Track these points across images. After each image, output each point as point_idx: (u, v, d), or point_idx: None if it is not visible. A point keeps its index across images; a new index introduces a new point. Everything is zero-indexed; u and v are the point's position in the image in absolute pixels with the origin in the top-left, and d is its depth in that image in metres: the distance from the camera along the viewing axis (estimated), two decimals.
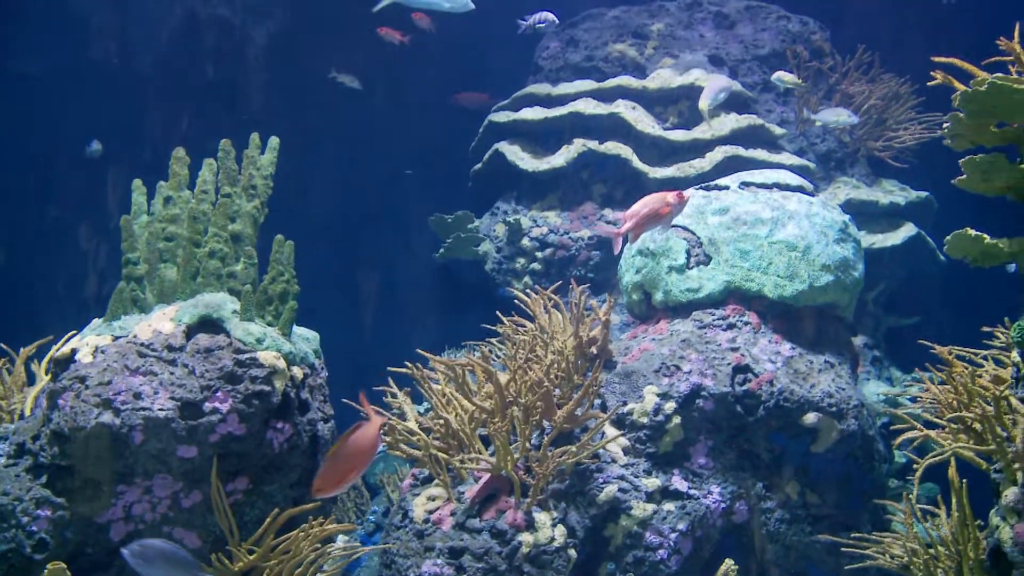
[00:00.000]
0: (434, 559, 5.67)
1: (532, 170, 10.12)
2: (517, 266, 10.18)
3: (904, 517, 5.26)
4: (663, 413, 6.48)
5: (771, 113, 10.98)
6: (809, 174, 9.84)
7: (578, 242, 10.00)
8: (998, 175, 4.58)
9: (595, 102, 10.14)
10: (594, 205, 10.18)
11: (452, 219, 10.76)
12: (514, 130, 10.65)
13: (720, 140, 9.87)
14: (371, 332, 13.14)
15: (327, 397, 6.45)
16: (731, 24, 11.44)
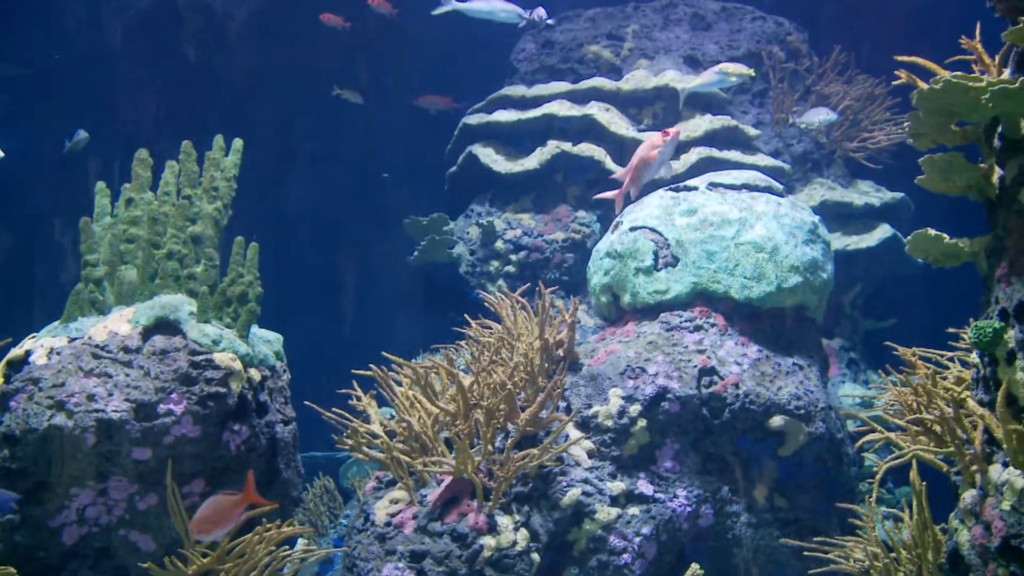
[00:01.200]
0: (395, 562, 5.60)
1: (505, 172, 10.08)
2: (491, 269, 10.12)
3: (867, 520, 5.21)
4: (628, 416, 6.41)
5: (746, 115, 10.94)
6: (783, 175, 9.82)
7: (552, 244, 9.95)
8: (958, 174, 4.52)
9: (569, 104, 10.10)
10: (568, 207, 10.14)
11: (427, 221, 10.71)
12: (488, 132, 10.61)
13: (694, 142, 9.84)
14: (348, 333, 13.10)
15: (288, 399, 6.40)
16: (707, 25, 11.39)
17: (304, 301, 12.99)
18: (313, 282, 13.01)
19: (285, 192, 13.19)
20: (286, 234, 13.10)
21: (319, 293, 13.35)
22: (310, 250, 13.14)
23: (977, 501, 4.28)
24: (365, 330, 12.85)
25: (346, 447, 5.98)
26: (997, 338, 4.22)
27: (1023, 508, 3.92)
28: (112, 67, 12.59)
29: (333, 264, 13.66)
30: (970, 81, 4.07)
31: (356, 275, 13.59)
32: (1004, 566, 4.03)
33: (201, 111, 12.87)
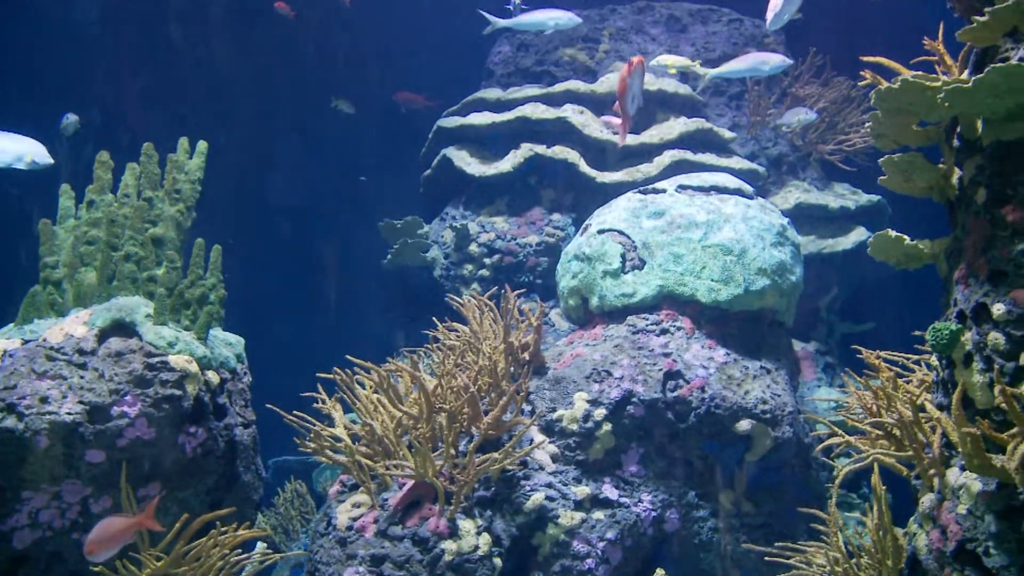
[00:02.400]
0: (356, 566, 5.54)
1: (479, 175, 10.03)
2: (465, 272, 10.07)
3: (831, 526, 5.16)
4: (593, 420, 6.37)
5: (722, 117, 10.91)
6: (758, 178, 9.78)
7: (526, 248, 9.89)
8: (918, 175, 4.48)
9: (543, 106, 10.05)
10: (542, 210, 10.09)
11: (401, 224, 10.66)
12: (462, 135, 10.56)
13: (668, 144, 9.79)
14: (323, 336, 13.04)
15: (249, 402, 6.36)
16: (682, 27, 11.36)
17: (282, 304, 12.96)
18: (291, 287, 12.96)
19: (268, 179, 13.17)
20: (267, 225, 13.10)
21: (297, 298, 13.31)
22: (290, 239, 13.11)
23: (935, 505, 4.24)
24: (341, 332, 12.80)
25: (309, 450, 5.92)
26: (954, 340, 4.17)
27: (978, 512, 3.87)
28: (92, 47, 12.52)
29: (313, 256, 13.61)
30: (927, 81, 4.03)
31: (335, 277, 13.54)
32: (959, 570, 3.98)
33: (184, 93, 12.82)
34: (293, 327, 13.33)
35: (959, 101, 3.85)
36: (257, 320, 13.10)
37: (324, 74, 13.22)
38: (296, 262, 13.54)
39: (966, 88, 3.76)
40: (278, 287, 13.47)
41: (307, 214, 13.16)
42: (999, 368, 3.89)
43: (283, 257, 13.56)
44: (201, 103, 13.13)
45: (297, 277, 13.51)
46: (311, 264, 13.87)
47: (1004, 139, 3.94)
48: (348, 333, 12.52)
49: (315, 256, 13.84)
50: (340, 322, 13.35)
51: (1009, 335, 3.85)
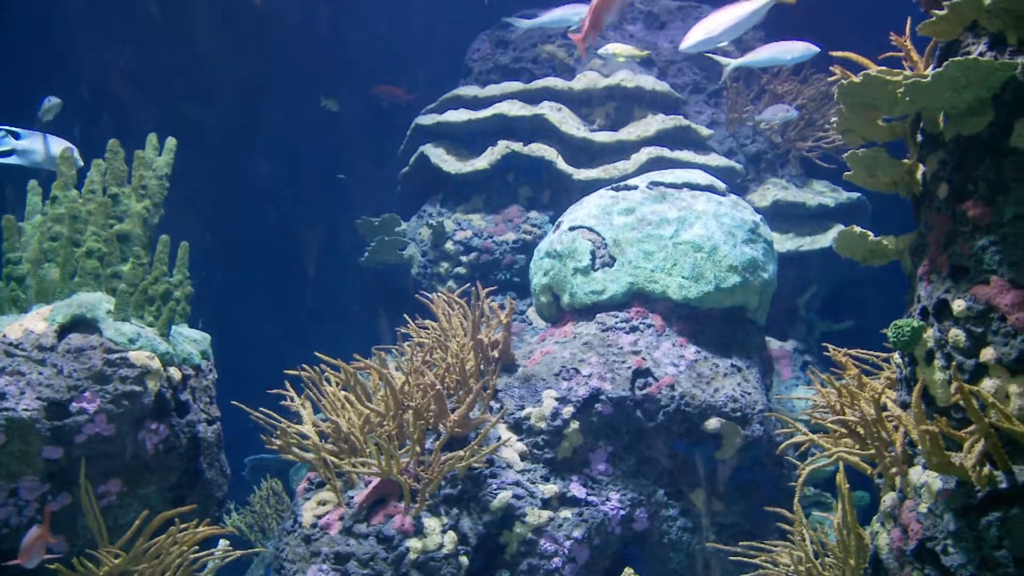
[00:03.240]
0: (320, 564, 5.50)
1: (455, 172, 9.98)
2: (441, 270, 10.02)
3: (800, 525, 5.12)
4: (561, 418, 6.32)
5: (701, 114, 10.86)
6: (735, 175, 9.74)
7: (503, 246, 9.84)
8: (882, 170, 4.44)
9: (520, 104, 10.00)
10: (520, 208, 10.03)
11: (378, 222, 10.62)
12: (439, 133, 10.51)
13: (646, 141, 9.74)
14: (304, 332, 12.99)
15: (213, 399, 6.32)
16: (661, 24, 11.30)
17: (259, 300, 12.92)
18: (268, 284, 12.93)
19: (252, 164, 13.14)
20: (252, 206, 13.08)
21: (275, 296, 13.28)
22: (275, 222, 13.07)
23: (896, 504, 4.21)
24: (318, 330, 12.75)
25: (275, 447, 5.88)
26: (916, 337, 4.14)
27: (938, 510, 3.84)
28: (75, 24, 12.44)
29: (290, 265, 13.57)
30: (889, 75, 3.99)
31: (314, 275, 13.51)
32: (919, 569, 3.94)
33: (166, 71, 12.78)
34: (273, 323, 13.28)
35: (919, 96, 3.82)
36: (236, 315, 13.07)
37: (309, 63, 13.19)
38: (277, 257, 13.49)
39: (925, 82, 3.73)
40: (258, 282, 13.42)
41: (290, 207, 13.10)
42: (959, 365, 3.86)
43: (264, 251, 13.50)
44: (184, 83, 13.08)
45: (278, 273, 13.45)
46: (292, 260, 13.81)
47: (965, 134, 3.91)
48: (329, 329, 12.47)
49: (297, 252, 13.79)
50: (321, 318, 13.30)
51: (969, 332, 3.81)
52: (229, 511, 9.64)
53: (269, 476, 9.83)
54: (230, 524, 9.45)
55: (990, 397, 3.50)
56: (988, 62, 3.60)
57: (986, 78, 3.66)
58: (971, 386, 3.66)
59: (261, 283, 13.48)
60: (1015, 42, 3.69)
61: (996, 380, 3.69)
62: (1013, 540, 3.47)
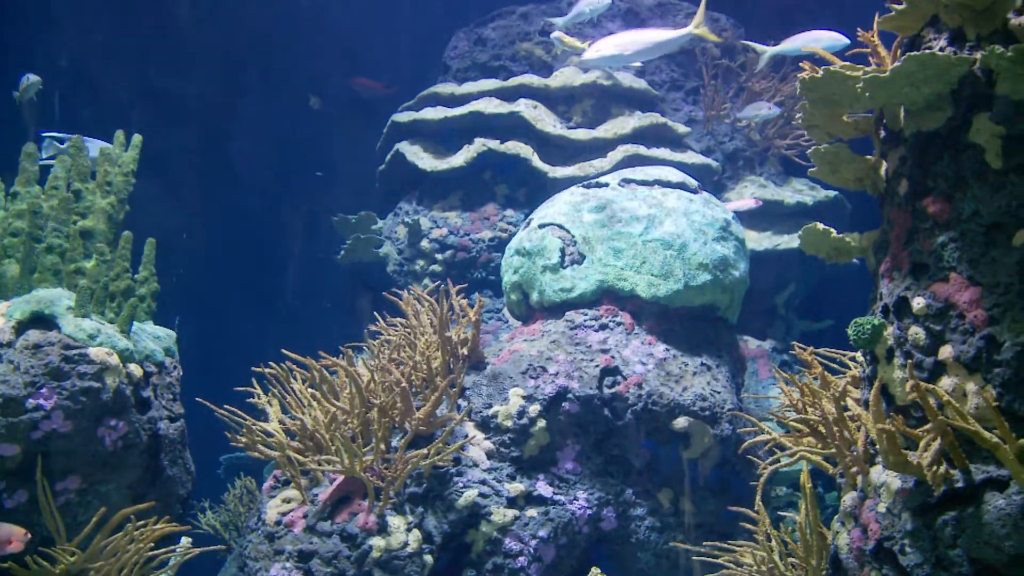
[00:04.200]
0: (283, 562, 5.47)
1: (431, 170, 9.94)
2: (417, 268, 9.98)
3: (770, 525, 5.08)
4: (528, 416, 6.29)
5: (678, 112, 10.82)
6: (711, 172, 9.71)
7: (479, 244, 9.80)
8: (844, 166, 4.41)
9: (497, 101, 9.96)
10: (496, 206, 9.99)
11: (355, 220, 10.58)
12: (415, 130, 10.46)
13: (622, 139, 9.70)
14: (279, 331, 12.95)
15: (177, 396, 6.28)
16: (640, 21, 11.25)
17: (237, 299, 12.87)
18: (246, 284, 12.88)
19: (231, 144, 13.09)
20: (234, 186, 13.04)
21: (249, 294, 13.24)
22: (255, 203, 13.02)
23: (857, 503, 4.17)
24: (293, 328, 12.71)
25: (240, 445, 5.84)
26: (876, 335, 4.11)
27: (896, 510, 3.81)
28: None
29: (265, 264, 13.53)
30: (849, 71, 3.96)
31: (291, 273, 13.47)
32: (878, 569, 3.91)
33: (145, 43, 12.72)
34: (251, 320, 13.24)
35: (878, 91, 3.79)
36: (215, 312, 13.03)
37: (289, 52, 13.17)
38: (256, 254, 13.44)
39: (883, 77, 3.70)
40: (237, 278, 13.39)
41: (269, 203, 13.07)
42: (918, 363, 3.82)
43: (243, 247, 13.46)
44: (165, 61, 13.04)
45: (256, 270, 13.41)
46: (271, 257, 13.77)
47: (924, 129, 3.88)
48: (308, 327, 12.43)
49: (275, 249, 13.75)
50: (299, 316, 13.26)
51: (929, 329, 3.78)
52: (204, 509, 9.59)
53: (243, 474, 9.77)
54: (204, 523, 9.40)
55: (945, 395, 3.46)
56: (945, 57, 3.56)
57: (943, 73, 3.63)
58: (928, 384, 3.62)
59: (240, 278, 13.43)
60: (974, 37, 3.66)
61: (954, 378, 3.66)
62: (967, 539, 3.43)
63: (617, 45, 7.09)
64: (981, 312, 3.57)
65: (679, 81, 10.87)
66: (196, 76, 13.51)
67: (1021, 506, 3.29)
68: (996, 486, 3.44)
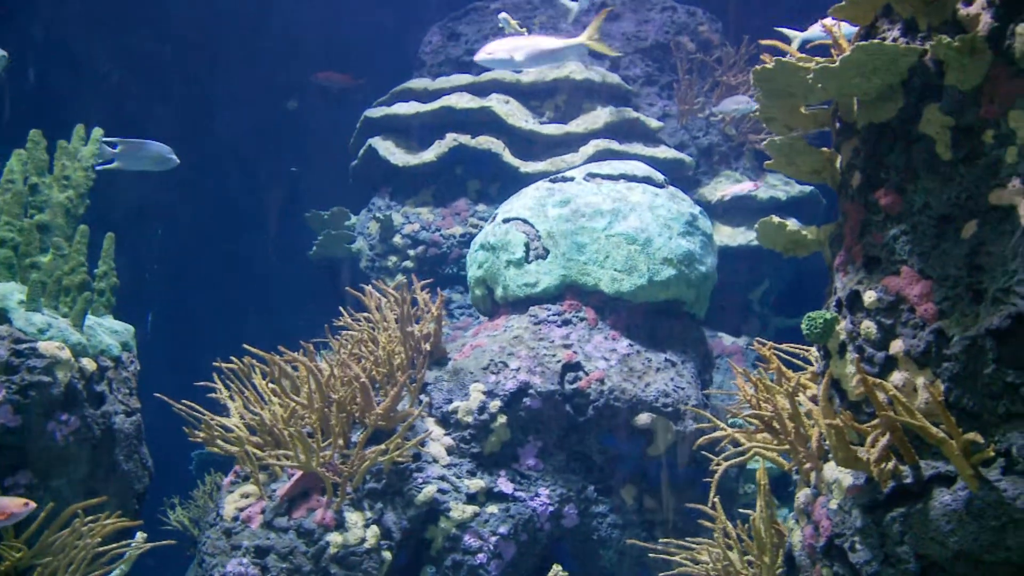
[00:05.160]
0: (239, 558, 5.42)
1: (402, 165, 9.90)
2: (389, 264, 9.93)
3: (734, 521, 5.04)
4: (488, 412, 6.24)
5: (653, 106, 10.77)
6: (684, 167, 9.67)
7: (450, 239, 9.76)
8: (800, 158, 4.36)
9: (469, 96, 9.92)
10: (468, 201, 9.95)
11: (328, 216, 10.55)
12: (387, 125, 10.41)
13: (594, 134, 9.66)
14: (249, 327, 12.89)
15: (134, 390, 6.24)
16: (615, 15, 11.21)
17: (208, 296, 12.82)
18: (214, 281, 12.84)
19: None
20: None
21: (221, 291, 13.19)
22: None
23: (810, 500, 4.14)
24: (267, 323, 12.66)
25: (199, 440, 5.78)
26: (828, 329, 4.07)
27: (847, 507, 3.76)
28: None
29: (236, 262, 13.48)
30: (800, 62, 3.91)
31: (263, 269, 13.42)
32: (828, 567, 3.88)
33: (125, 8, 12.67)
34: (225, 316, 13.18)
35: (828, 81, 3.74)
36: (189, 307, 12.96)
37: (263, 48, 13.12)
38: (230, 249, 13.38)
39: (833, 68, 3.65)
40: (211, 273, 13.33)
41: (244, 198, 13.02)
42: (869, 357, 3.78)
43: (217, 243, 13.40)
44: (145, 27, 12.98)
45: (230, 265, 13.36)
46: (244, 253, 13.71)
47: (876, 121, 3.84)
48: (274, 323, 12.38)
49: (248, 246, 13.69)
50: (274, 311, 13.21)
51: (880, 323, 3.74)
52: (174, 506, 9.54)
53: (213, 470, 9.73)
54: (173, 519, 9.35)
55: (893, 389, 3.41)
56: (893, 47, 3.52)
57: (892, 63, 3.58)
58: (877, 379, 3.57)
59: (220, 266, 13.38)
60: (925, 28, 3.61)
61: (905, 373, 3.62)
62: (914, 536, 3.39)
63: (509, 49, 7.04)
64: (931, 306, 3.52)
65: (654, 76, 10.83)
66: (177, 43, 13.43)
67: (966, 502, 3.24)
68: (944, 482, 3.40)
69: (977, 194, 3.38)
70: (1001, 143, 3.29)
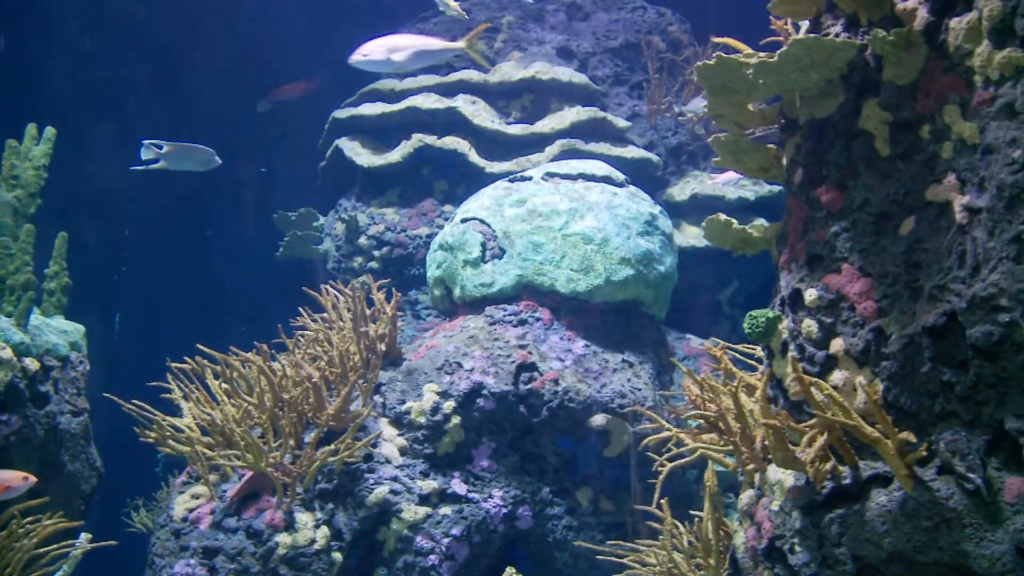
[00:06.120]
0: (187, 559, 5.38)
1: (368, 166, 9.83)
2: (355, 264, 9.86)
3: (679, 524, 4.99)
4: (442, 412, 6.19)
5: (622, 106, 10.71)
6: (651, 167, 9.62)
7: (416, 240, 9.70)
8: (747, 155, 4.31)
9: (436, 96, 9.87)
10: (434, 202, 9.89)
11: (295, 216, 10.50)
12: (355, 126, 10.36)
13: (561, 134, 9.61)
14: (219, 328, 12.82)
15: (82, 390, 6.19)
16: (584, 15, 11.18)
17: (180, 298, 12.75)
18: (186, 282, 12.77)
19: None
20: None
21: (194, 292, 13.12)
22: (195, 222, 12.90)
23: (753, 501, 4.10)
24: (232, 326, 12.59)
25: (150, 440, 5.73)
26: (771, 328, 4.03)
27: (788, 508, 3.72)
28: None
29: (206, 263, 13.41)
30: (742, 59, 3.86)
31: (233, 271, 13.35)
32: (770, 569, 3.84)
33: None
34: (195, 318, 13.11)
35: (768, 76, 3.70)
36: (156, 308, 12.88)
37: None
38: (199, 250, 13.32)
39: (771, 63, 3.61)
40: (181, 273, 13.27)
41: (214, 197, 12.94)
42: (810, 356, 3.75)
43: (188, 242, 13.34)
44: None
45: (201, 266, 13.30)
46: (214, 254, 13.65)
47: (818, 116, 3.81)
48: (251, 324, 12.32)
49: (217, 247, 13.62)
50: (244, 313, 13.15)
51: (821, 322, 3.71)
52: (138, 508, 9.49)
53: (178, 472, 9.67)
54: (137, 521, 9.30)
55: (828, 388, 3.36)
56: (830, 41, 3.48)
57: (829, 58, 3.55)
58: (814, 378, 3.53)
59: (186, 272, 13.32)
60: (866, 23, 3.58)
61: (845, 372, 3.59)
62: (851, 537, 3.35)
63: (387, 50, 6.99)
64: (871, 304, 3.49)
65: (623, 75, 10.78)
66: (151, 3, 13.33)
67: (901, 502, 3.21)
68: (882, 482, 3.37)
69: (915, 190, 3.34)
70: (937, 138, 3.25)
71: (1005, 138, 2.87)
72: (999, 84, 2.94)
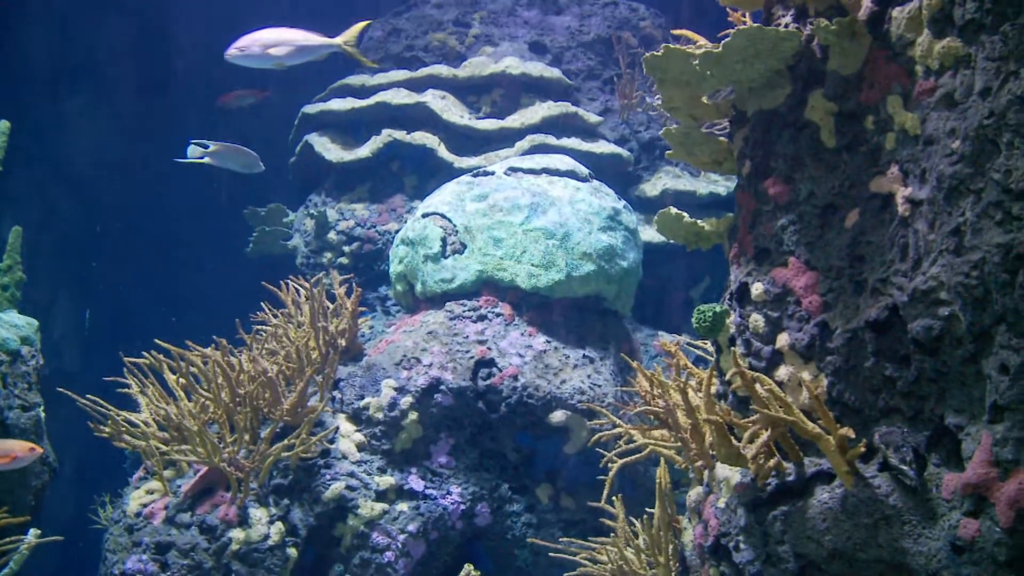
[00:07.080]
0: (139, 554, 5.32)
1: (337, 161, 9.76)
2: (324, 260, 9.79)
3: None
4: (399, 408, 6.14)
5: (595, 101, 10.66)
6: (623, 162, 9.56)
7: (385, 236, 9.62)
8: (698, 148, 4.27)
9: (405, 92, 9.80)
10: (404, 197, 9.82)
11: (265, 212, 10.43)
12: (324, 121, 10.29)
13: (531, 129, 9.55)
14: (190, 324, 12.75)
15: (33, 385, 6.11)
16: (558, 10, 11.13)
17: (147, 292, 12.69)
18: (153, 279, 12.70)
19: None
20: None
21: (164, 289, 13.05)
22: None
23: (701, 499, 4.05)
24: (204, 323, 12.52)
25: (104, 435, 5.67)
26: (718, 323, 3.98)
27: (733, 505, 3.67)
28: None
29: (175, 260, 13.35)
30: (689, 50, 3.80)
31: (202, 266, 13.27)
32: (715, 566, 3.80)
33: None
34: (166, 313, 13.03)
35: (713, 67, 3.66)
36: (129, 304, 12.80)
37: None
38: (172, 246, 13.25)
39: (716, 53, 3.57)
40: (153, 269, 13.20)
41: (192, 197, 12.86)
42: (756, 351, 3.70)
43: (161, 238, 13.27)
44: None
45: (173, 261, 13.22)
46: (186, 250, 13.57)
47: (765, 108, 3.77)
48: (223, 319, 12.25)
49: (189, 243, 13.54)
50: (216, 308, 13.08)
51: (767, 316, 3.67)
52: (104, 505, 9.43)
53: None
54: (104, 518, 9.24)
55: (770, 383, 3.31)
56: (773, 30, 3.44)
57: (773, 48, 3.51)
58: (756, 373, 3.48)
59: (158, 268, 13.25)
60: (814, 13, 3.53)
61: (790, 367, 3.55)
62: (793, 535, 3.31)
63: (263, 45, 6.90)
64: (816, 298, 3.45)
65: (596, 70, 10.72)
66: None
67: (842, 500, 3.17)
68: (825, 479, 3.33)
69: (859, 182, 3.31)
70: (881, 129, 3.21)
71: (945, 128, 2.83)
72: (939, 74, 2.90)
